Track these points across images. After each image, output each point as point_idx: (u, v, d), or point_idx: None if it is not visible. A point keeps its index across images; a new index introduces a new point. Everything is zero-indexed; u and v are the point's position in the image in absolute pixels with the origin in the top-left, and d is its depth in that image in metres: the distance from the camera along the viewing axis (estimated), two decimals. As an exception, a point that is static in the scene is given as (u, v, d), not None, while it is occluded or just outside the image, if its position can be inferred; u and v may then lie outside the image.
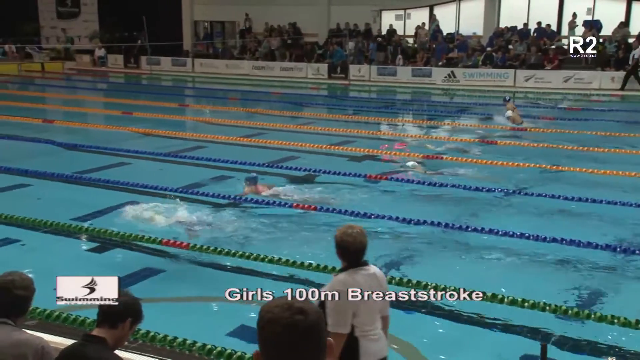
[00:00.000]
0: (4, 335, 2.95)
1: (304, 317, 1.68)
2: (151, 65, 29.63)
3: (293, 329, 1.66)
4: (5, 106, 17.73)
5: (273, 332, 1.67)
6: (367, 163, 11.60)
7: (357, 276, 3.65)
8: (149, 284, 6.32)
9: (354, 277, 3.65)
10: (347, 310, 3.58)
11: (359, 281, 3.63)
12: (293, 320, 1.67)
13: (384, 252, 7.22)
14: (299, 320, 1.67)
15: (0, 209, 8.24)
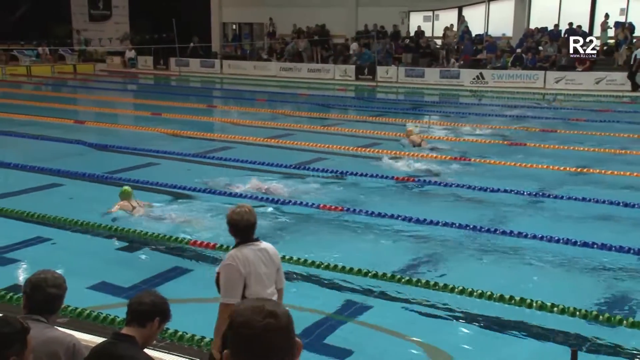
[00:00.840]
0: (37, 332, 2.96)
1: (275, 320, 1.70)
2: (180, 67, 29.94)
3: (264, 332, 1.68)
4: (39, 107, 18.05)
5: (245, 335, 1.69)
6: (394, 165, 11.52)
7: (246, 250, 3.98)
8: (176, 284, 6.36)
9: (242, 251, 3.97)
10: (236, 282, 3.90)
11: (248, 255, 3.95)
12: (265, 324, 1.68)
13: (411, 254, 7.20)
14: (270, 323, 1.69)
15: (33, 207, 8.38)
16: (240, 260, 3.93)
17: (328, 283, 6.31)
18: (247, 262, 3.94)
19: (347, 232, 7.99)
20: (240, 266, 3.92)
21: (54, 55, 31.54)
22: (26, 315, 3.14)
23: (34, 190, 9.65)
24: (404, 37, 28.20)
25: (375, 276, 6.30)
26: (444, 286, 6.03)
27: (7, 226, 7.98)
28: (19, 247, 7.28)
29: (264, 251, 4.04)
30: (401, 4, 28.54)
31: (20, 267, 6.81)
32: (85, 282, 6.09)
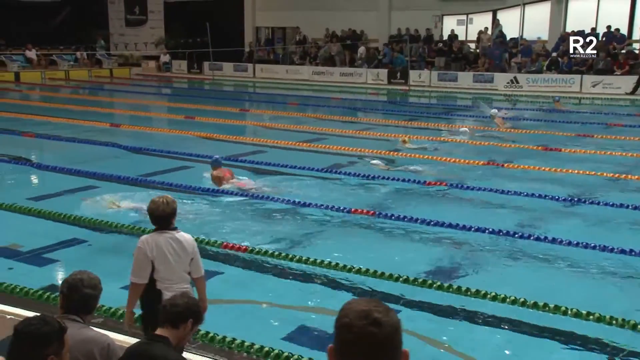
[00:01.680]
0: (73, 332, 3.03)
1: (378, 329, 1.65)
2: (213, 71, 30.25)
3: (365, 339, 1.64)
4: (77, 110, 18.40)
5: (345, 338, 1.65)
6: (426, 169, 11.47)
7: (159, 237, 4.31)
8: (209, 286, 6.35)
9: (154, 237, 4.32)
10: (144, 264, 4.26)
11: (158, 241, 4.29)
12: (366, 331, 1.64)
13: (442, 259, 7.15)
14: (372, 332, 1.64)
15: (70, 209, 8.52)
16: (150, 245, 4.28)
17: (358, 287, 6.30)
18: (155, 247, 4.28)
19: (378, 236, 7.98)
20: (148, 250, 4.27)
21: (91, 60, 32.20)
22: (63, 315, 3.22)
23: (70, 192, 9.82)
24: (437, 41, 28.04)
25: (406, 281, 6.26)
26: (476, 292, 5.97)
27: (45, 227, 8.12)
28: (56, 248, 7.40)
29: (177, 240, 4.35)
30: (435, 8, 28.39)
31: (57, 268, 6.93)
32: (119, 283, 6.04)
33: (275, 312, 5.94)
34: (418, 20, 28.00)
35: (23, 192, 9.64)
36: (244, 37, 32.84)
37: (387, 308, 1.77)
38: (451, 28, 28.19)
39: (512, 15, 27.09)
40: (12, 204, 8.76)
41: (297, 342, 5.22)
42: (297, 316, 5.80)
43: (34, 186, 10.13)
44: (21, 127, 15.08)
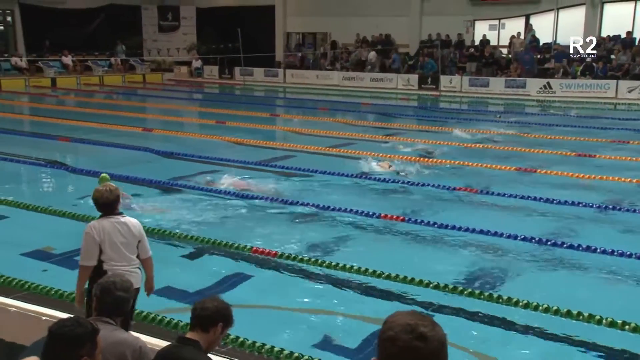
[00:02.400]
0: (106, 334, 3.08)
1: (424, 344, 1.63)
2: (244, 76, 30.49)
3: (410, 353, 1.62)
4: (110, 115, 18.66)
5: (390, 352, 1.64)
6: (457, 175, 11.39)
7: (104, 222, 4.64)
8: (238, 290, 6.43)
9: (101, 222, 4.64)
10: (92, 247, 4.56)
11: (105, 226, 4.61)
12: (411, 346, 1.62)
13: (473, 265, 7.09)
14: (418, 346, 1.62)
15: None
16: (97, 229, 4.59)
17: (388, 293, 6.27)
18: (102, 231, 4.58)
19: (408, 241, 7.95)
20: (95, 234, 4.57)
21: (124, 65, 32.75)
22: (96, 317, 3.28)
23: None
24: (469, 46, 27.84)
25: (437, 287, 6.21)
26: (508, 299, 5.90)
27: (79, 230, 8.19)
28: None
29: (123, 224, 4.67)
30: (467, 13, 28.20)
31: None
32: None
33: (305, 317, 5.94)
34: (449, 26, 27.82)
35: (58, 195, 9.88)
36: (275, 43, 33.06)
37: (433, 322, 1.73)
38: (483, 33, 27.97)
39: (545, 20, 26.74)
40: (47, 207, 8.92)
41: (327, 348, 5.22)
42: (327, 322, 5.80)
43: (69, 189, 10.30)
44: (57, 132, 15.39)
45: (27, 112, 22.23)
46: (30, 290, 5.97)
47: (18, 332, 4.45)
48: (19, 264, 7.01)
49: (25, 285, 6.08)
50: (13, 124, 17.81)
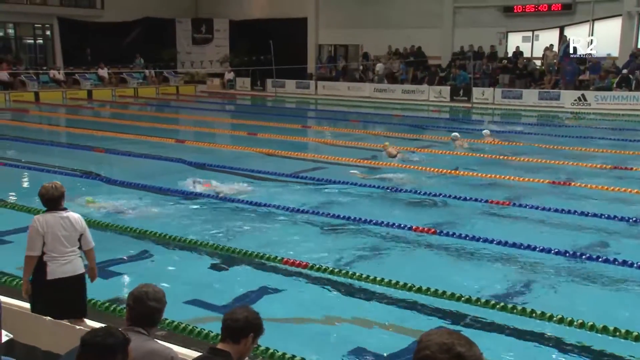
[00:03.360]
0: (138, 344, 3.10)
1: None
2: (276, 88, 30.74)
3: None
4: (144, 127, 19.01)
5: None
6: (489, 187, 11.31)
7: (48, 216, 5.11)
8: (269, 301, 6.45)
9: (45, 216, 5.10)
10: (36, 239, 5.01)
11: (48, 219, 5.08)
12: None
13: (506, 279, 7.03)
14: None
15: (136, 224, 8.75)
16: (41, 222, 5.04)
17: (419, 306, 6.24)
18: (46, 224, 5.03)
19: (440, 254, 7.91)
20: (39, 227, 5.01)
21: (158, 78, 33.33)
22: (128, 327, 3.31)
23: (137, 206, 10.04)
24: (502, 58, 27.63)
25: (468, 301, 6.15)
26: (542, 314, 5.81)
27: (112, 241, 8.31)
28: (122, 262, 7.59)
29: (65, 219, 5.13)
30: (500, 25, 28.04)
31: (122, 281, 7.09)
32: (182, 297, 6.28)
33: (334, 329, 5.95)
34: (482, 38, 27.69)
35: (92, 205, 9.95)
36: (307, 55, 33.29)
37: (469, 341, 1.72)
38: (516, 45, 27.75)
39: (580, 31, 26.39)
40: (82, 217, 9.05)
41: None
42: (357, 333, 5.80)
43: (104, 200, 10.43)
44: (92, 143, 15.66)
45: (63, 124, 22.81)
46: None
47: (53, 341, 4.49)
48: None
49: None
50: (50, 135, 18.32)
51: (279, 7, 33.60)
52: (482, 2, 28.11)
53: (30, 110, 24.43)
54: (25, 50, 33.03)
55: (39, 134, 17.91)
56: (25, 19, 31.76)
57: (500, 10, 27.92)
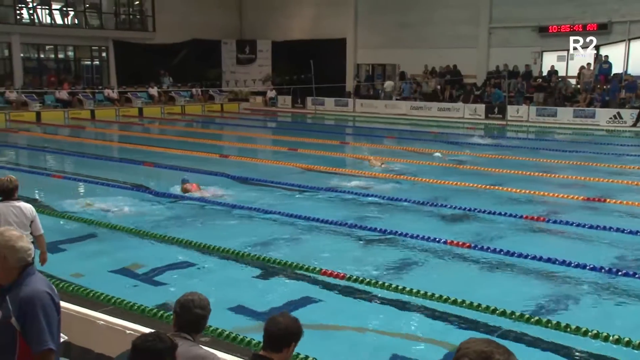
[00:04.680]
0: (184, 350, 3.15)
1: None
2: (316, 106, 31.37)
3: None
4: (190, 142, 19.53)
5: None
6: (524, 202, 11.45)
7: (1, 205, 5.75)
8: (307, 310, 6.56)
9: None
10: None
11: (1, 208, 5.76)
12: None
13: (540, 294, 7.06)
14: None
15: (181, 234, 9.10)
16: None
17: (453, 318, 6.31)
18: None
19: (474, 268, 7.98)
20: None
21: (204, 96, 34.34)
22: (175, 333, 3.37)
23: (181, 218, 10.49)
24: (536, 77, 27.67)
25: (503, 314, 6.12)
26: (576, 329, 5.71)
27: (159, 250, 8.65)
28: (169, 269, 7.84)
29: (17, 208, 5.84)
30: (535, 44, 28.06)
31: (169, 288, 7.23)
32: (225, 305, 6.43)
33: (371, 339, 6.02)
34: (517, 57, 27.73)
35: (142, 216, 10.38)
36: (346, 74, 33.85)
37: (507, 350, 1.70)
38: (551, 64, 27.69)
39: (616, 50, 26.25)
40: (133, 228, 9.43)
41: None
42: (393, 344, 5.88)
43: (152, 211, 11.01)
44: (142, 157, 16.25)
45: (116, 139, 23.57)
46: (116, 304, 6.18)
47: (105, 344, 4.64)
48: (107, 279, 7.40)
49: (112, 300, 6.32)
50: (104, 150, 19.03)
51: (320, 28, 34.28)
52: (517, 22, 28.13)
53: (86, 127, 25.41)
54: (83, 71, 34.55)
55: (94, 149, 18.66)
56: (84, 42, 33.34)
57: (535, 31, 27.95)
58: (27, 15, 32.23)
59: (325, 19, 34.30)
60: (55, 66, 33.50)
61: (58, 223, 10.01)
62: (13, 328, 3.14)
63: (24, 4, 31.98)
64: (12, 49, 30.89)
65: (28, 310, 3.13)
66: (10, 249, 3.22)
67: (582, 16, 26.52)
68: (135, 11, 36.01)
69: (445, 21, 30.01)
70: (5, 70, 31.46)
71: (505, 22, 28.71)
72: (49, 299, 3.21)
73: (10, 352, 3.16)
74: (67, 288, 6.69)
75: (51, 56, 33.88)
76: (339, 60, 33.61)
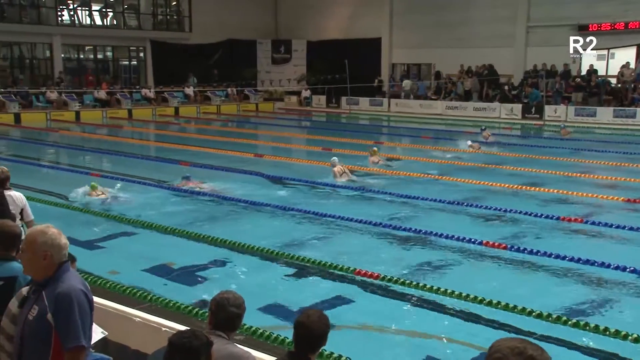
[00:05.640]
0: (219, 347, 3.17)
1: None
2: (350, 105, 31.34)
3: None
4: (225, 142, 19.71)
5: None
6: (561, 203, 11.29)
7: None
8: (341, 310, 6.58)
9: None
10: None
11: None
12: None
13: (578, 296, 6.99)
14: None
15: (216, 232, 9.20)
16: None
17: (488, 319, 6.27)
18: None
19: (510, 269, 7.92)
20: None
21: (239, 95, 34.64)
22: (210, 331, 3.39)
23: (216, 216, 10.60)
24: (575, 76, 27.14)
25: (539, 316, 6.08)
26: (616, 332, 5.69)
27: (194, 248, 8.76)
28: (205, 268, 7.89)
29: (8, 196, 6.12)
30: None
31: (204, 286, 7.29)
32: (258, 304, 6.44)
33: (404, 340, 6.02)
34: (555, 56, 27.22)
35: (178, 215, 10.52)
36: (381, 74, 33.76)
37: (540, 347, 1.76)
38: (590, 63, 27.13)
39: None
40: (168, 226, 9.58)
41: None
42: (426, 345, 5.89)
43: (187, 210, 11.06)
44: (178, 157, 16.46)
45: (153, 138, 24.01)
46: (152, 302, 6.24)
47: (141, 340, 4.69)
48: (143, 277, 7.50)
49: (148, 297, 6.39)
50: (141, 149, 19.33)
51: (355, 28, 34.27)
52: (556, 21, 27.67)
53: (123, 126, 25.84)
54: (120, 70, 35.24)
55: (131, 148, 18.99)
56: (122, 43, 34.01)
57: (574, 29, 27.41)
58: (67, 17, 32.94)
59: (360, 18, 34.25)
60: (94, 66, 34.16)
61: (95, 220, 10.24)
62: (49, 324, 3.19)
63: (65, 5, 32.68)
64: (53, 49, 31.59)
65: (63, 307, 3.18)
66: (55, 247, 3.28)
67: (623, 14, 25.91)
68: (172, 12, 36.51)
69: (482, 20, 29.70)
70: (46, 70, 32.21)
71: (544, 20, 28.23)
72: (83, 297, 3.25)
73: (46, 347, 3.21)
74: (105, 285, 6.80)
75: (90, 56, 34.58)
76: (373, 59, 33.52)
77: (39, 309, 3.22)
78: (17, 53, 32.40)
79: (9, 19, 30.10)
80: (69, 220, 9.75)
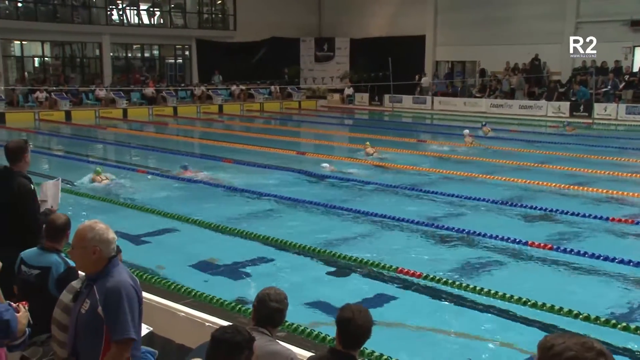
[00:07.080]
0: (261, 343, 3.19)
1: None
2: (393, 103, 31.17)
3: None
4: (268, 139, 19.87)
5: None
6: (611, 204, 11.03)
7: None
8: (382, 308, 6.59)
9: None
10: None
11: None
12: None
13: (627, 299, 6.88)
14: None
15: (259, 229, 9.28)
16: None
17: (533, 321, 6.20)
18: None
19: (556, 270, 7.82)
20: None
21: (283, 93, 34.86)
22: (253, 327, 3.40)
23: (258, 214, 10.67)
24: (626, 73, 26.34)
25: (587, 319, 5.98)
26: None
27: (237, 245, 8.83)
28: (247, 264, 7.96)
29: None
30: (626, 39, 26.75)
31: (247, 282, 7.38)
32: (301, 300, 6.48)
33: (446, 339, 5.99)
34: (606, 52, 26.43)
35: (221, 211, 10.63)
36: (424, 71, 33.48)
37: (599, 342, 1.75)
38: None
39: None
40: (211, 223, 9.69)
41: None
42: (467, 345, 5.86)
43: (231, 207, 11.14)
44: (222, 154, 16.66)
45: (197, 136, 24.34)
46: (196, 297, 6.28)
47: (185, 335, 4.73)
48: (187, 272, 7.61)
49: (192, 292, 6.45)
50: (185, 146, 19.71)
51: (398, 26, 34.09)
52: (607, 17, 26.93)
53: (169, 123, 26.31)
54: (166, 68, 35.91)
55: (176, 145, 19.38)
56: (168, 41, 34.70)
57: (626, 25, 26.65)
58: (117, 17, 33.70)
59: (404, 16, 34.05)
60: (141, 64, 34.85)
61: (141, 216, 10.44)
62: (100, 317, 3.28)
63: (114, 5, 33.45)
64: (102, 48, 32.37)
65: (113, 301, 3.27)
66: (104, 242, 3.36)
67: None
68: (218, 10, 36.94)
69: (528, 17, 29.13)
70: (96, 69, 33.04)
71: (594, 16, 27.51)
72: (133, 291, 3.34)
73: (98, 339, 3.30)
74: (151, 280, 6.92)
75: (138, 55, 35.28)
76: (417, 57, 33.30)
77: (91, 303, 3.32)
78: (68, 52, 33.30)
79: (62, 19, 30.95)
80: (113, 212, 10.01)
